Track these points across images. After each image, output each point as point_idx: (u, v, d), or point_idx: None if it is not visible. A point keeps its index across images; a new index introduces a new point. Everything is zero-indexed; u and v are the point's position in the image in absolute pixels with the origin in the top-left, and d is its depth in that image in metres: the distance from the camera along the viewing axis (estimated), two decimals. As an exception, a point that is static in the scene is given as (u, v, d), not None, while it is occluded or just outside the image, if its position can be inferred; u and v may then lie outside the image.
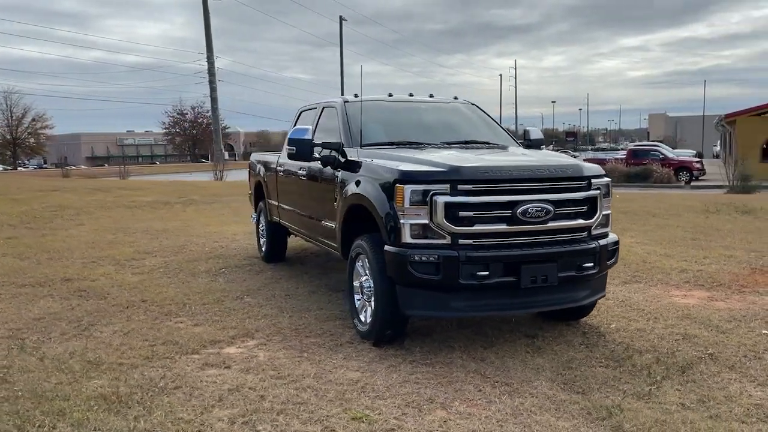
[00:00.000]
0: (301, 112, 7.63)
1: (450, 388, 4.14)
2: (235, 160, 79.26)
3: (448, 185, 4.56)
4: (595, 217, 4.93)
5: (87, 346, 5.05)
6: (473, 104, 6.98)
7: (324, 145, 5.83)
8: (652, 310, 5.95)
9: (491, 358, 4.72)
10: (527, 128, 6.65)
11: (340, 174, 5.61)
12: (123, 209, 15.57)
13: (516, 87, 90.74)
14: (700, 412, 3.79)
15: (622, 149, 53.23)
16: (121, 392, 4.04)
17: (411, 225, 4.59)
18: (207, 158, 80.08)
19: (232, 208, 15.89)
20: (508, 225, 4.61)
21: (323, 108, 6.78)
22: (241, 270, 8.13)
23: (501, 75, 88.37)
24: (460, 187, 4.56)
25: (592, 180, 4.96)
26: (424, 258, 4.52)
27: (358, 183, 5.22)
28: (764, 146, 28.86)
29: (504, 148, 6.07)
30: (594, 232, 4.97)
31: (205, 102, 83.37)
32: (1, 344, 5.16)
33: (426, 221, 4.56)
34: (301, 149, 5.87)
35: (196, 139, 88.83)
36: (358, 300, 5.35)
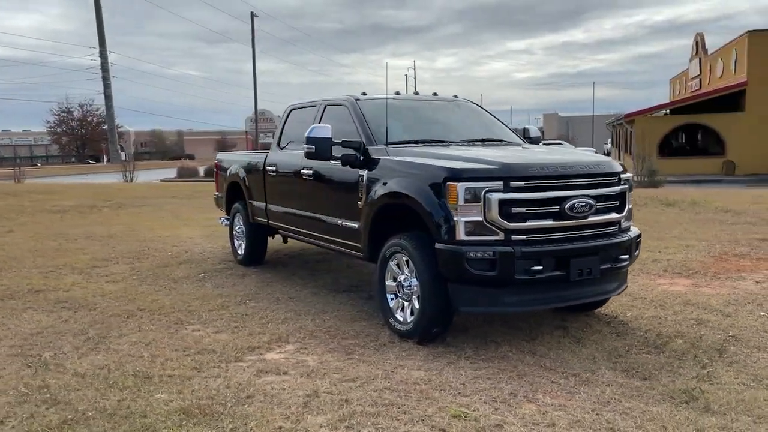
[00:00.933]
0: (291, 111, 7.44)
1: (523, 382, 4.20)
2: (125, 160, 75.59)
3: (501, 182, 4.62)
4: (625, 211, 5.16)
5: (117, 360, 4.71)
6: (473, 102, 7.09)
7: (344, 144, 5.73)
8: (654, 299, 6.29)
9: (541, 350, 4.83)
10: (527, 126, 6.83)
11: (366, 173, 5.53)
12: (48, 214, 14.57)
13: (416, 87, 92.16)
14: (762, 389, 4.07)
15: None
16: (201, 404, 3.81)
17: (465, 222, 4.61)
18: (97, 159, 75.90)
19: (169, 211, 15.25)
20: (556, 220, 4.73)
21: (325, 106, 6.64)
22: (223, 274, 7.83)
23: (406, 75, 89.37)
24: (513, 184, 4.64)
25: (621, 175, 5.19)
26: (479, 255, 4.56)
27: (393, 181, 5.18)
28: (660, 144, 31.01)
29: (519, 145, 6.22)
30: (622, 225, 5.20)
31: (95, 99, 79.10)
32: (14, 362, 4.72)
33: (480, 218, 4.60)
34: (321, 148, 5.74)
35: (85, 138, 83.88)
36: (392, 300, 5.31)
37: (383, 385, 4.14)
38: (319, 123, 6.58)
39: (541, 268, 4.62)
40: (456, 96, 7.01)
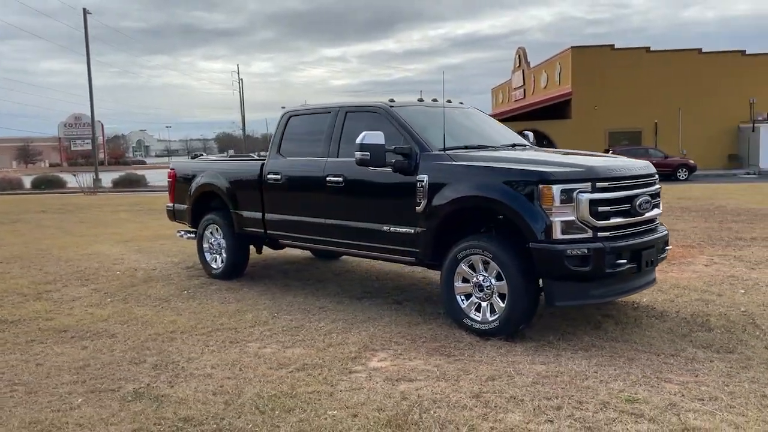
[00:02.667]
0: (290, 117, 7.23)
1: (641, 365, 4.57)
2: None
3: (589, 184, 5.01)
4: (661, 207, 5.80)
5: (225, 384, 4.39)
6: (480, 110, 7.41)
7: (396, 150, 5.77)
8: (647, 285, 7.05)
9: (622, 336, 5.26)
10: (526, 132, 7.31)
11: (427, 178, 5.62)
12: None
13: (243, 91, 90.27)
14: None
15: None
16: (399, 414, 3.72)
17: (561, 222, 4.93)
18: None
19: (54, 227, 13.80)
20: (628, 217, 5.22)
21: (346, 113, 6.57)
22: (209, 289, 7.40)
23: (242, 80, 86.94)
24: (598, 185, 5.04)
25: (656, 175, 5.82)
26: (576, 252, 4.90)
27: (469, 185, 5.34)
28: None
29: (538, 149, 6.65)
30: (658, 221, 5.84)
31: None
32: (102, 398, 4.21)
33: (572, 218, 4.94)
34: (376, 155, 5.72)
35: None
36: (462, 300, 5.47)
37: (527, 380, 4.30)
38: (341, 129, 6.54)
39: (624, 261, 5.07)
40: (462, 103, 7.30)
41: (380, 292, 7.10)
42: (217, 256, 8.04)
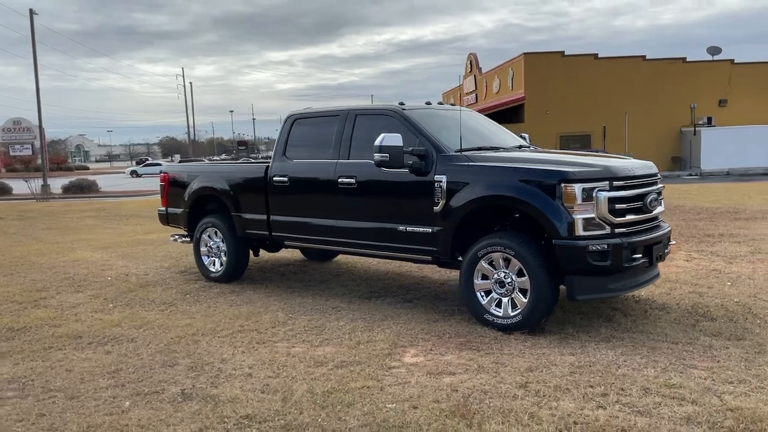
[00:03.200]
0: (294, 120, 7.27)
1: (662, 353, 4.82)
2: None
3: (607, 183, 5.27)
4: (663, 205, 6.13)
5: (271, 382, 4.44)
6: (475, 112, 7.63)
7: (413, 152, 5.91)
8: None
9: (635, 327, 5.52)
10: (523, 135, 7.56)
11: (445, 179, 5.78)
12: None
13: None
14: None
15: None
16: (458, 404, 3.85)
17: (582, 219, 5.17)
18: None
19: (20, 234, 13.38)
20: (638, 214, 5.50)
21: (356, 116, 6.68)
22: (211, 293, 7.39)
23: (191, 83, 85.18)
24: (615, 183, 5.31)
25: (659, 175, 6.14)
26: (598, 247, 5.14)
27: (488, 185, 5.53)
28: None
29: (543, 150, 6.90)
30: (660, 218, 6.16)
31: None
32: (150, 401, 4.20)
33: (592, 215, 5.19)
34: (395, 156, 5.85)
35: None
36: (482, 296, 5.66)
37: (565, 371, 4.49)
38: (351, 132, 6.64)
39: (639, 256, 5.35)
40: (453, 104, 7.50)
41: (387, 291, 7.22)
42: (216, 260, 8.02)
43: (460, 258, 5.93)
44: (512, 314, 5.48)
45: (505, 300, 5.55)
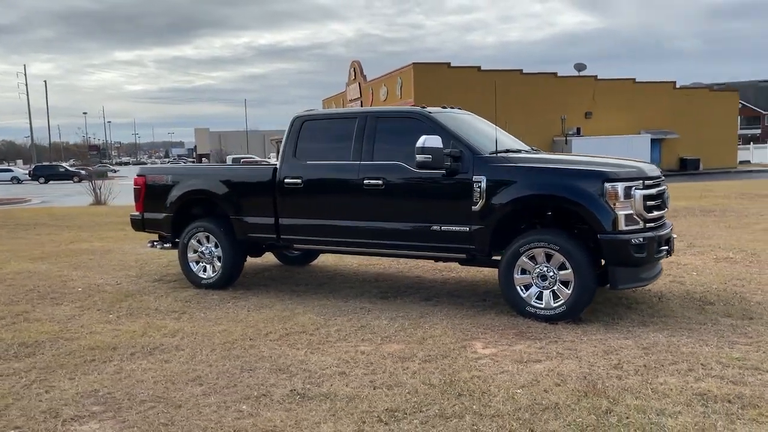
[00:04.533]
0: (303, 122, 7.19)
1: (702, 333, 5.35)
2: None
3: (641, 182, 5.79)
4: (666, 202, 6.78)
5: (377, 378, 4.46)
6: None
7: (451, 154, 6.11)
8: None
9: (658, 314, 6.06)
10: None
11: (485, 179, 6.03)
12: None
13: (28, 94, 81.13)
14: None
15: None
16: (587, 384, 4.11)
17: (624, 215, 5.64)
18: None
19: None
20: (659, 211, 6.08)
21: (377, 118, 6.76)
22: (212, 299, 7.13)
23: (45, 81, 78.31)
24: (646, 182, 5.85)
25: (660, 174, 6.80)
26: (637, 241, 5.63)
27: (532, 185, 5.87)
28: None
29: (557, 153, 7.36)
30: (663, 215, 6.80)
31: None
32: (271, 399, 4.10)
33: (631, 211, 5.68)
34: (437, 158, 6.01)
35: None
36: (522, 290, 5.97)
37: (637, 352, 4.89)
38: (374, 134, 6.72)
39: (665, 248, 5.93)
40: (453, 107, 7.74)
41: (397, 292, 7.32)
42: (207, 266, 7.72)
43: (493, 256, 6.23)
44: (555, 305, 5.83)
45: (546, 293, 5.89)
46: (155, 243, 8.22)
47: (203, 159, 73.96)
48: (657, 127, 41.15)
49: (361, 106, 44.15)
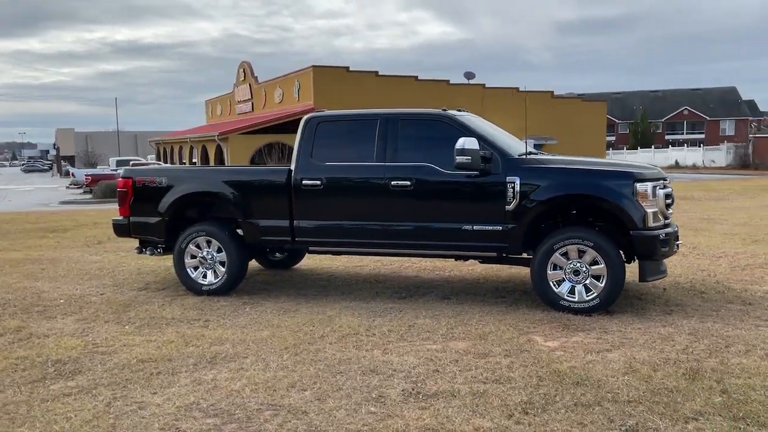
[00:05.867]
0: (318, 123, 7.07)
1: (728, 319, 5.87)
2: None
3: (662, 182, 6.29)
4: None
5: (493, 375, 4.55)
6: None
7: (485, 156, 6.31)
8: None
9: (675, 303, 6.58)
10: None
11: (518, 180, 6.27)
12: None
13: None
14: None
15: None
16: (685, 367, 4.43)
17: (652, 213, 6.10)
18: None
19: None
20: (670, 208, 6.63)
21: (399, 120, 6.81)
22: (222, 305, 6.86)
23: None
24: (663, 183, 6.36)
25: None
26: (664, 236, 6.12)
27: (566, 185, 6.20)
28: (251, 158, 33.75)
29: (570, 156, 7.71)
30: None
31: None
32: (406, 399, 4.09)
33: (656, 209, 6.15)
34: (475, 159, 6.18)
35: None
36: (554, 285, 6.27)
37: (686, 339, 5.31)
38: (397, 136, 6.78)
39: (679, 243, 6.48)
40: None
41: (409, 291, 7.38)
42: (208, 271, 7.39)
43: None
44: (588, 298, 6.18)
45: (578, 287, 6.23)
46: (144, 249, 7.73)
47: (63, 162, 68.40)
48: (538, 134, 43.70)
49: (252, 108, 43.32)
